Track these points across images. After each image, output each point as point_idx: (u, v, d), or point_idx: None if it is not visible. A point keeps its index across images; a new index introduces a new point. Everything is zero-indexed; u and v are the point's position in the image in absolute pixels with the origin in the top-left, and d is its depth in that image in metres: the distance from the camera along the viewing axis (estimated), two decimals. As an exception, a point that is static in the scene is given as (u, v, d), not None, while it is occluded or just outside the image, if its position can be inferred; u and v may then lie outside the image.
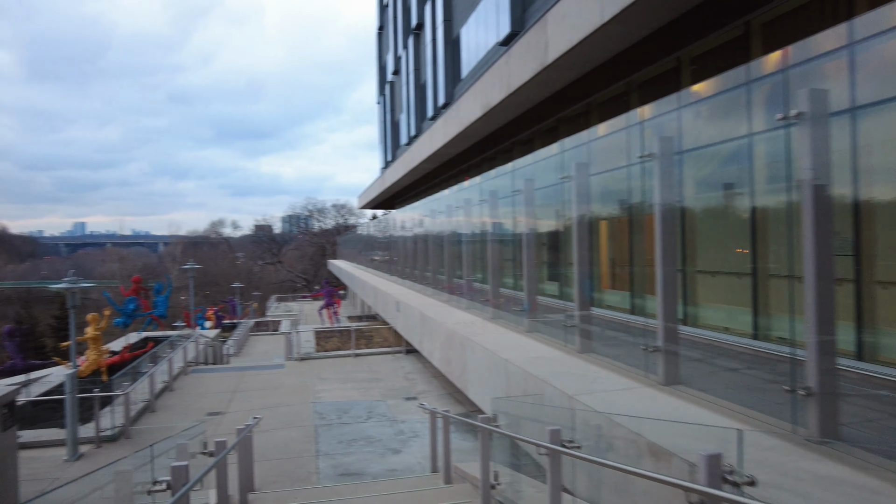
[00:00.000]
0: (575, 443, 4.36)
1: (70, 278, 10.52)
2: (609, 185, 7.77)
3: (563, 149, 8.33)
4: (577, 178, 7.70)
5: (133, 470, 3.69)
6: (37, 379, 13.08)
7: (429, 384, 14.00)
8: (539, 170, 9.57)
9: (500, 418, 6.46)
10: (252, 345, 30.34)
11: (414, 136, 24.56)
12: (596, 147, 7.80)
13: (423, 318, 12.96)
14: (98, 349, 13.06)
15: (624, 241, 8.12)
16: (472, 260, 13.16)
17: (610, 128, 7.63)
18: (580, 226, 7.65)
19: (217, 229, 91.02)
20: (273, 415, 11.46)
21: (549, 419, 5.82)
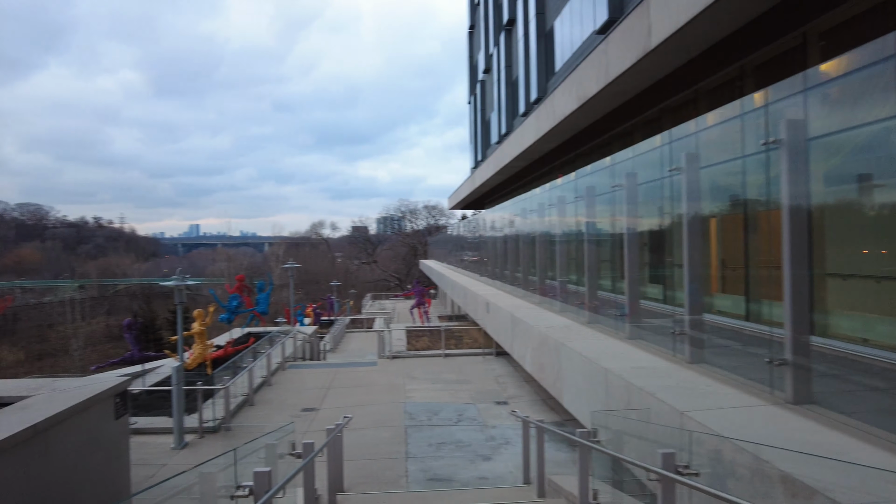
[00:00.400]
0: (691, 469, 3.82)
1: (177, 276, 11.15)
2: (718, 180, 7.00)
3: (669, 139, 7.61)
4: (688, 171, 7.00)
5: (217, 472, 3.64)
6: (151, 369, 14.10)
7: (520, 389, 13.57)
8: (640, 164, 8.88)
9: (601, 433, 5.94)
10: (347, 341, 31.28)
11: (504, 133, 24.16)
12: (704, 138, 7.05)
13: (514, 320, 12.55)
14: (203, 343, 13.86)
15: (736, 241, 7.27)
16: (565, 261, 12.58)
17: (719, 116, 6.87)
18: (692, 224, 6.94)
19: (317, 230, 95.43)
20: (364, 413, 11.54)
21: (657, 438, 5.26)
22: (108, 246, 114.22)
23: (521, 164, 21.15)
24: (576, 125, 15.01)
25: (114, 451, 6.79)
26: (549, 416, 11.28)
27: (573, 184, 11.83)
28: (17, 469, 5.18)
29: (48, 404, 5.98)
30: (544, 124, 15.96)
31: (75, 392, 6.40)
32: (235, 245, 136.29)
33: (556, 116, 14.87)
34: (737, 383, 5.92)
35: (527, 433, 7.98)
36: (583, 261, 11.34)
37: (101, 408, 6.56)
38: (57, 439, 5.73)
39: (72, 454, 5.97)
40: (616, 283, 10.29)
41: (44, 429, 5.50)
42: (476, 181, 29.41)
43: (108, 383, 6.72)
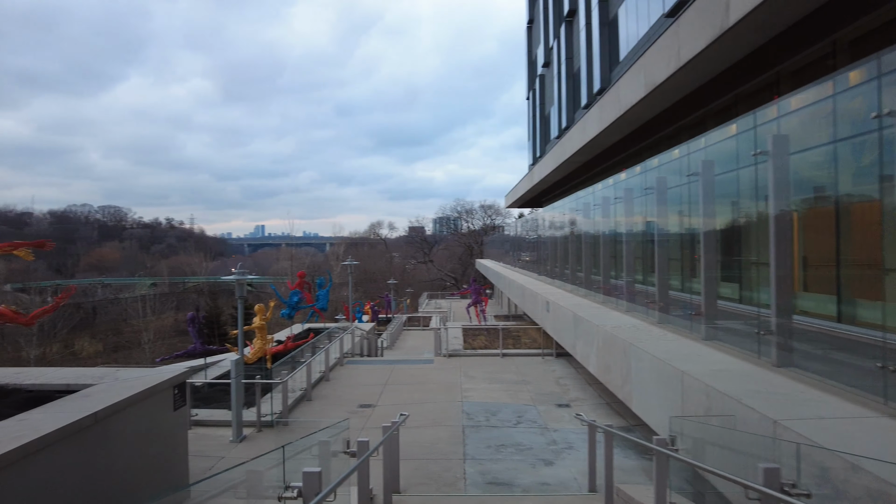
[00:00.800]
0: (799, 488, 3.27)
1: (238, 271, 11.24)
2: (800, 170, 6.29)
3: (753, 123, 6.93)
4: (775, 158, 6.33)
5: (264, 470, 3.41)
6: (214, 363, 14.39)
7: (583, 391, 12.97)
8: (717, 153, 8.19)
9: (679, 441, 5.39)
10: (404, 339, 31.31)
11: (565, 128, 23.45)
12: (787, 124, 6.35)
13: (577, 319, 11.98)
14: (263, 338, 14.02)
15: (824, 236, 6.52)
16: (632, 259, 11.90)
17: (803, 101, 6.16)
18: (780, 218, 6.27)
19: (375, 230, 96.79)
20: (420, 411, 11.29)
21: (747, 449, 4.68)
22: (179, 245, 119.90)
23: (582, 158, 20.41)
24: (642, 115, 14.26)
25: (171, 442, 6.79)
26: (615, 420, 10.67)
27: (642, 176, 11.17)
28: (77, 455, 5.19)
29: (108, 393, 6.00)
30: (608, 115, 15.26)
31: (135, 382, 6.43)
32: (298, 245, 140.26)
33: (621, 106, 14.16)
34: (837, 390, 5.25)
35: (593, 438, 7.47)
36: (651, 258, 10.67)
37: (160, 399, 6.56)
38: (116, 428, 5.74)
39: (130, 443, 5.97)
40: (686, 282, 9.61)
41: (103, 417, 5.50)
42: (534, 178, 28.76)
43: (166, 375, 6.73)
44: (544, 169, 25.53)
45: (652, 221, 10.65)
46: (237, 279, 11.09)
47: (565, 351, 16.51)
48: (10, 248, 6.04)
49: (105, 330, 34.72)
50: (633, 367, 8.29)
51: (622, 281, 12.67)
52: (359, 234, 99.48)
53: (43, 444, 4.76)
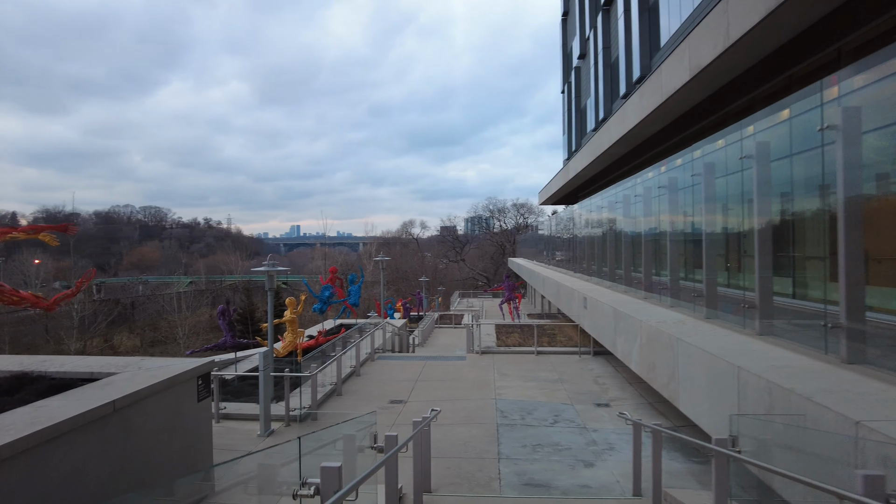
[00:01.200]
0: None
1: (267, 263, 11.06)
2: (875, 152, 5.66)
3: (820, 101, 6.32)
4: (845, 139, 5.73)
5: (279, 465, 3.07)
6: (246, 356, 14.30)
7: (622, 390, 12.36)
8: (771, 138, 7.56)
9: (742, 442, 4.86)
10: (436, 336, 30.98)
11: (602, 119, 22.72)
12: (853, 102, 5.73)
13: (617, 315, 11.40)
14: (294, 331, 13.86)
15: (890, 226, 5.87)
16: (676, 253, 11.26)
17: (865, 80, 5.54)
18: (849, 205, 5.67)
19: (408, 229, 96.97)
20: (453, 408, 10.90)
21: (825, 452, 4.14)
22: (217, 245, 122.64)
23: (620, 150, 19.70)
24: (685, 102, 13.54)
25: (195, 435, 6.57)
26: (658, 420, 10.06)
27: (687, 166, 10.56)
28: (96, 445, 4.97)
29: (129, 382, 5.79)
30: (649, 102, 14.59)
31: (157, 372, 6.21)
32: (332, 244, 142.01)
33: (663, 93, 13.49)
34: (925, 389, 4.65)
35: (639, 438, 6.94)
36: (697, 253, 10.05)
37: (183, 389, 6.34)
38: (136, 418, 5.52)
39: (152, 434, 5.75)
40: (735, 278, 8.98)
41: (122, 406, 5.28)
42: (570, 172, 28.05)
43: (190, 365, 6.50)
44: (580, 163, 24.84)
45: (698, 214, 10.02)
46: (267, 270, 10.92)
47: (603, 349, 15.89)
48: (34, 231, 5.88)
49: (143, 325, 35.54)
50: (681, 363, 7.73)
51: (664, 277, 12.03)
52: (391, 234, 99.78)
53: (57, 433, 4.55)
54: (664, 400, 11.20)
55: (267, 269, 10.92)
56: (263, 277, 11.21)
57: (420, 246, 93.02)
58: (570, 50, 32.72)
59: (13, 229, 5.93)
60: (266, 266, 11.01)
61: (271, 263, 11.03)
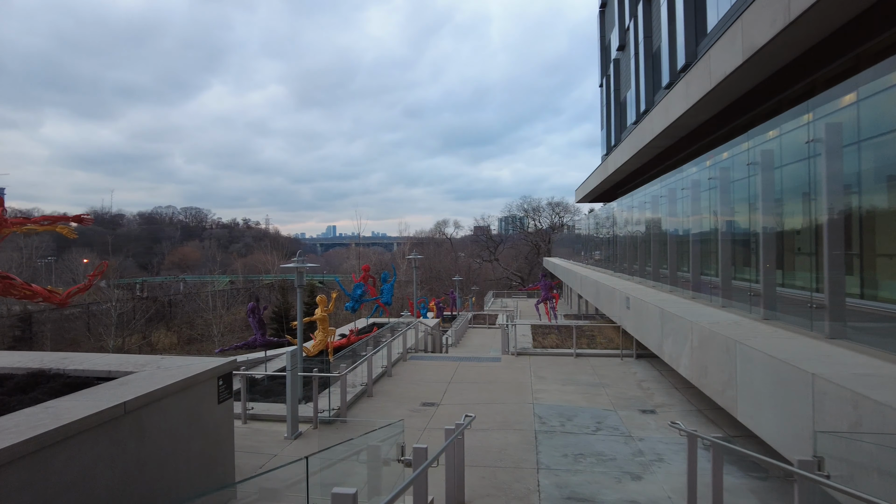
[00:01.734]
0: None
1: (297, 260, 10.73)
2: None
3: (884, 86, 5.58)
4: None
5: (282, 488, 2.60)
6: (277, 355, 14.07)
7: (669, 396, 11.60)
8: (841, 121, 6.78)
9: (829, 465, 4.18)
10: (469, 337, 30.48)
11: (643, 112, 21.80)
12: None
13: (664, 315, 10.67)
14: (325, 330, 13.53)
15: None
16: (728, 251, 10.45)
17: None
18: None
19: (441, 229, 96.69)
20: (487, 412, 10.36)
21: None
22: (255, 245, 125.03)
23: (663, 143, 18.79)
24: (736, 87, 12.67)
25: (215, 438, 6.21)
26: (709, 430, 9.31)
27: (742, 156, 9.76)
28: (106, 448, 4.64)
29: (145, 382, 5.47)
30: (696, 90, 13.73)
31: (174, 371, 5.88)
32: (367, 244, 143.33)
33: (712, 79, 12.65)
34: None
35: (694, 451, 6.27)
36: (751, 250, 9.27)
37: (202, 390, 5.99)
38: (151, 420, 5.18)
39: (168, 437, 5.41)
40: (796, 276, 8.19)
41: (135, 408, 4.94)
42: (608, 168, 27.12)
43: (209, 364, 6.15)
44: (620, 157, 23.93)
45: (754, 210, 9.23)
46: (296, 267, 10.60)
47: (647, 352, 15.09)
48: (49, 223, 5.62)
49: (180, 323, 36.16)
50: (740, 368, 7.01)
51: (711, 276, 11.22)
52: (424, 233, 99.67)
53: (62, 436, 4.21)
54: (715, 407, 10.42)
55: (296, 265, 10.60)
56: (290, 266, 10.91)
57: (454, 246, 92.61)
58: (609, 42, 31.73)
59: (28, 220, 5.69)
60: (296, 263, 10.69)
61: (300, 260, 10.70)
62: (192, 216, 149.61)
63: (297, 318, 11.12)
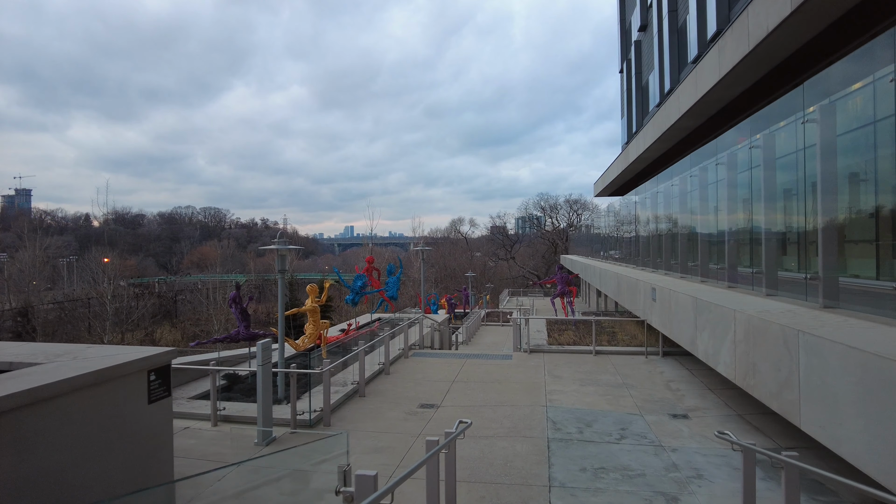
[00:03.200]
0: None
1: (279, 241, 9.52)
2: None
3: None
4: None
5: None
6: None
7: (702, 398, 10.14)
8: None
9: None
10: (482, 334, 29.10)
11: (668, 91, 20.26)
12: None
13: (699, 305, 9.24)
14: (316, 322, 12.28)
15: None
16: (779, 236, 8.98)
17: None
18: None
19: (457, 227, 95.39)
20: (494, 416, 9.03)
21: None
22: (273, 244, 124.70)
23: (691, 123, 17.25)
24: (781, 49, 11.13)
25: (146, 445, 4.97)
26: (755, 439, 7.87)
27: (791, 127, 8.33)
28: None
29: (40, 376, 4.25)
30: (732, 56, 12.22)
31: (87, 363, 4.66)
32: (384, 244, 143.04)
33: (750, 39, 11.15)
34: None
35: (751, 469, 4.88)
36: (810, 230, 7.82)
37: (125, 386, 4.75)
38: (42, 423, 3.96)
39: (72, 445, 4.18)
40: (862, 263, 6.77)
41: (9, 408, 3.73)
42: (629, 156, 25.56)
43: (136, 355, 4.92)
44: (642, 143, 22.38)
45: (810, 190, 7.77)
46: (277, 248, 9.37)
47: (676, 349, 13.63)
48: None
49: (185, 319, 35.50)
50: (804, 364, 5.59)
51: (750, 268, 9.75)
52: (440, 232, 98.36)
53: None
54: (760, 411, 8.97)
55: (277, 246, 9.38)
56: (270, 248, 9.68)
57: (469, 245, 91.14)
58: (629, 25, 30.14)
59: None
60: (277, 244, 9.47)
61: (282, 241, 9.48)
62: (211, 216, 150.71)
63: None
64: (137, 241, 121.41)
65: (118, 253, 43.24)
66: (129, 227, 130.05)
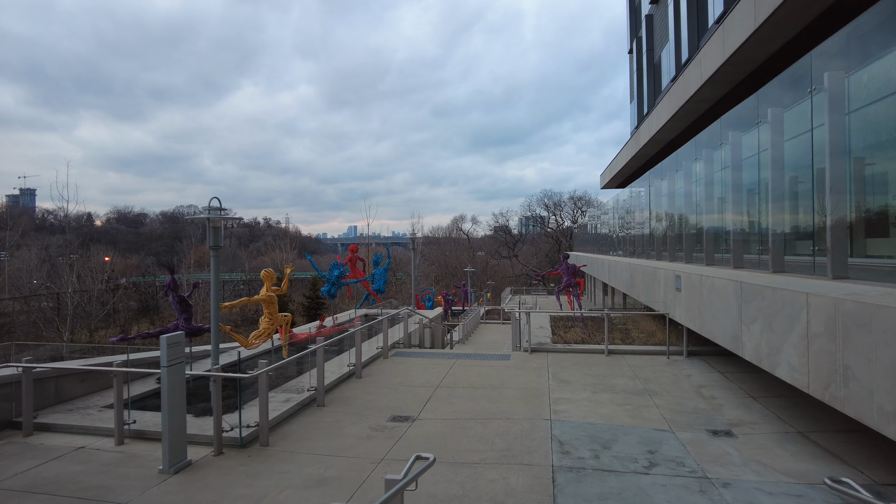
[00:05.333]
0: None
1: (213, 207, 7.54)
2: None
3: None
4: None
5: None
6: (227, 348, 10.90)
7: (745, 409, 8.11)
8: None
9: None
10: (481, 333, 27.08)
11: (686, 61, 18.21)
12: None
13: (745, 292, 7.20)
14: (273, 316, 10.25)
15: None
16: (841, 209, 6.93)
17: None
18: None
19: (458, 224, 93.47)
20: (483, 434, 7.03)
21: None
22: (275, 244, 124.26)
23: (714, 93, 15.20)
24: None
25: None
26: (832, 467, 5.85)
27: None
28: None
29: None
30: None
31: None
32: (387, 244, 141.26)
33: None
34: None
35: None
36: None
37: None
38: None
39: None
40: None
41: None
42: (640, 139, 23.51)
43: None
44: (655, 122, 20.32)
45: None
46: (208, 217, 7.39)
47: (703, 347, 11.64)
48: None
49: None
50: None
51: (812, 247, 7.71)
52: (441, 230, 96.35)
53: None
54: (828, 428, 6.93)
55: (208, 215, 7.41)
56: (200, 217, 7.60)
57: (472, 244, 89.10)
58: (638, 3, 28.12)
59: None
60: (209, 213, 7.49)
61: (215, 207, 7.50)
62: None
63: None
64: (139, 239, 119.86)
65: (119, 252, 41.86)
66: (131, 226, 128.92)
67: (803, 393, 5.92)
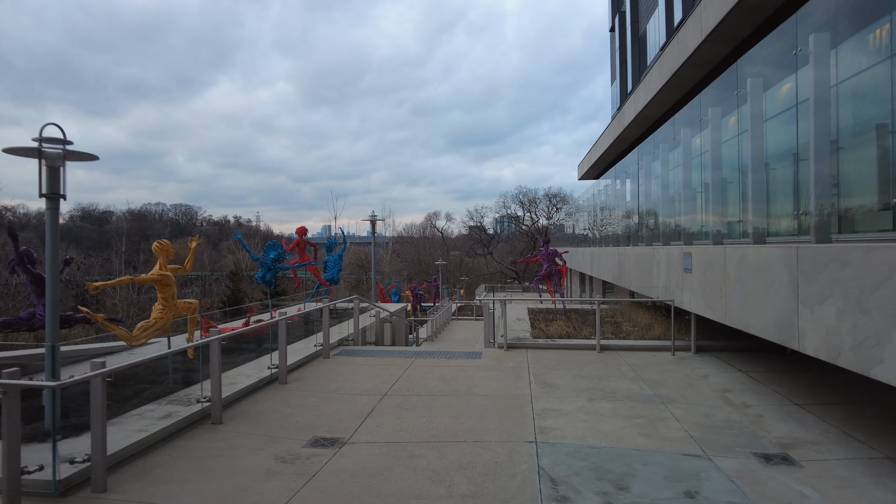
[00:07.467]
0: None
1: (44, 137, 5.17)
2: None
3: None
4: None
5: None
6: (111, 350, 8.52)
7: (796, 421, 6.05)
8: None
9: None
10: (452, 330, 24.89)
11: (679, 24, 16.30)
12: None
13: (807, 262, 5.13)
14: (169, 302, 7.79)
15: None
16: None
17: None
18: None
19: (433, 221, 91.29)
20: (439, 467, 4.82)
21: None
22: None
23: (715, 52, 13.28)
24: None
25: None
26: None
27: None
28: None
29: None
30: None
31: None
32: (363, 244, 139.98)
33: None
34: None
35: None
36: None
37: None
38: None
39: None
40: None
41: None
42: (624, 119, 21.61)
43: None
44: (643, 96, 18.41)
45: None
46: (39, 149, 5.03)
47: (712, 342, 9.66)
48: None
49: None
50: None
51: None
52: (415, 228, 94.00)
53: None
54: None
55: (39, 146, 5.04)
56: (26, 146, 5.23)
57: (447, 243, 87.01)
58: (622, -24, 26.33)
59: None
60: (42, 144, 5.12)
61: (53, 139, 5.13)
62: (182, 213, 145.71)
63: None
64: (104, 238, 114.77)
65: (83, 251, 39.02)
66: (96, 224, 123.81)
67: (866, 398, 3.88)
